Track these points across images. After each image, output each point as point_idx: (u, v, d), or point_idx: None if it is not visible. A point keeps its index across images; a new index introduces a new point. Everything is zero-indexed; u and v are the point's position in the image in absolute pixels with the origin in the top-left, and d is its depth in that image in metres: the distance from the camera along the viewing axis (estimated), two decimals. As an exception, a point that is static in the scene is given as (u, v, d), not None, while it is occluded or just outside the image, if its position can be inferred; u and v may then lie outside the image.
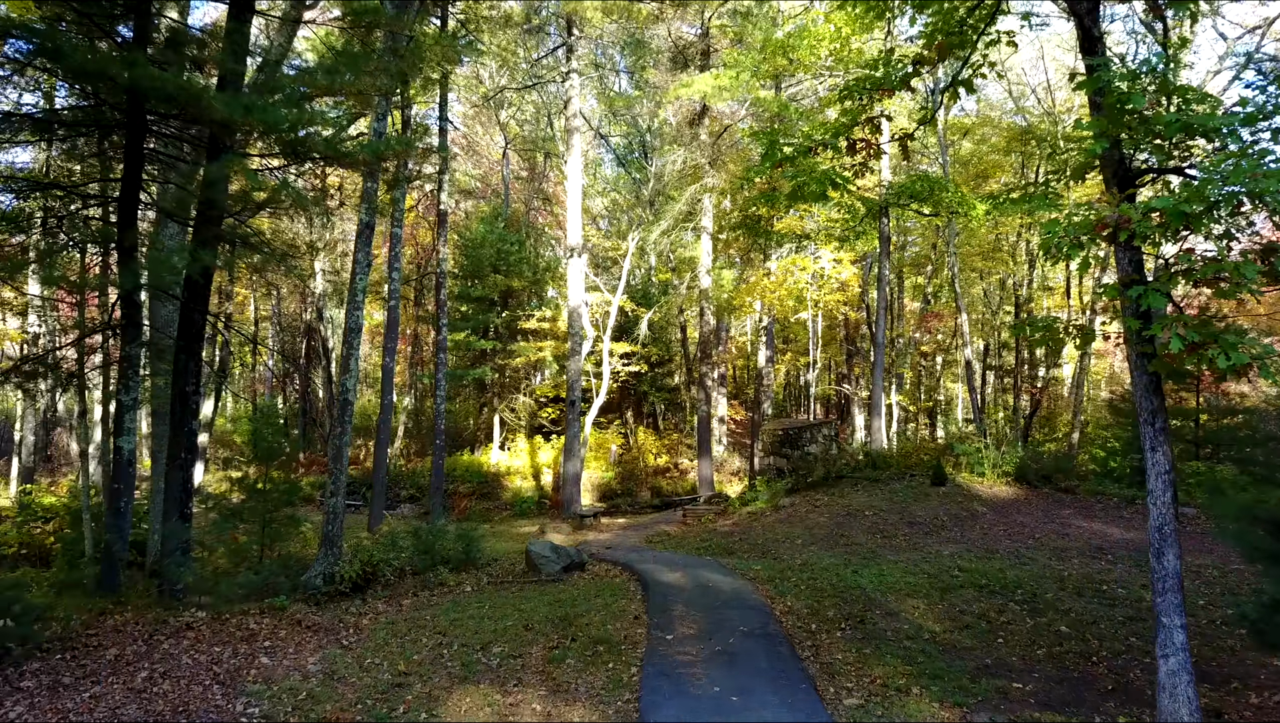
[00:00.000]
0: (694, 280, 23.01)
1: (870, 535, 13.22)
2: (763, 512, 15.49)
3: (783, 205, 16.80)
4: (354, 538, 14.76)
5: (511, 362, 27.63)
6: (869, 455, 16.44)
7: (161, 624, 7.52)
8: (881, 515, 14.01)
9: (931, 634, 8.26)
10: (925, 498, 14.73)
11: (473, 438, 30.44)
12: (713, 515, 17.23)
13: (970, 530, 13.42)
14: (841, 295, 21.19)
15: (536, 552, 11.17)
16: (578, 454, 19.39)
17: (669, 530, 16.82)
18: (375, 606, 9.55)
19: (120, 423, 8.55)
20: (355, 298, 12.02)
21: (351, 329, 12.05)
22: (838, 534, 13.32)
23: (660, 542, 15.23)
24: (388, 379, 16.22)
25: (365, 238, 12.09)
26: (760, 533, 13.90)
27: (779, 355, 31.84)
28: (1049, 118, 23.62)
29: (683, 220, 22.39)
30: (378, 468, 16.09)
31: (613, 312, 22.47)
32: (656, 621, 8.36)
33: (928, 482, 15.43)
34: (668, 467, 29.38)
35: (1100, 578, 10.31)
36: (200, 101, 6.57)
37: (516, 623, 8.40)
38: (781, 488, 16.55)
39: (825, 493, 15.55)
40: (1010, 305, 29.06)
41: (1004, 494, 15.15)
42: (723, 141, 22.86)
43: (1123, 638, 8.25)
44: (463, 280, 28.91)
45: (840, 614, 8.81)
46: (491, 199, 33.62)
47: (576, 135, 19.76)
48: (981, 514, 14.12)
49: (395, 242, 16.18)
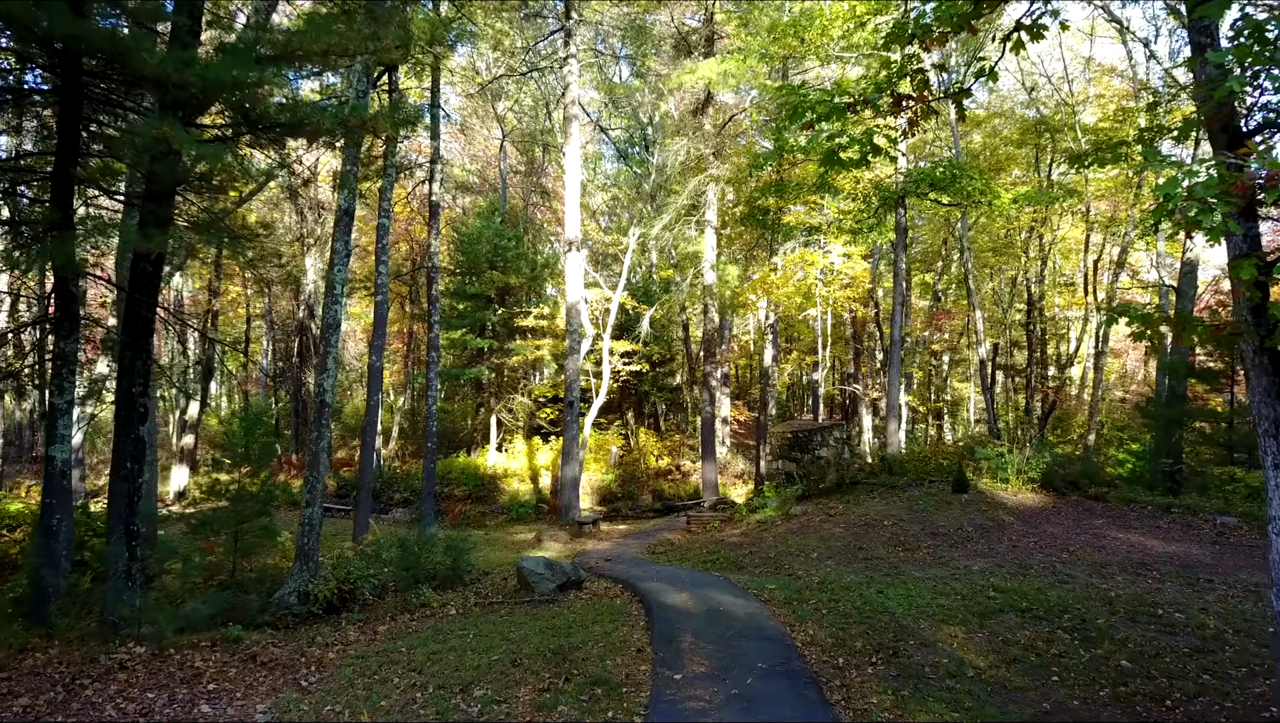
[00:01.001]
0: (697, 276, 21.93)
1: (891, 548, 12.12)
2: (773, 521, 14.39)
3: (792, 195, 15.71)
4: (337, 548, 13.65)
5: (509, 361, 26.53)
6: (885, 460, 15.35)
7: (90, 664, 6.43)
8: (901, 526, 12.91)
9: (976, 671, 7.17)
10: (947, 506, 13.64)
11: (469, 439, 29.34)
12: (719, 523, 16.15)
13: (998, 542, 12.33)
14: (851, 291, 20.09)
15: (529, 569, 10.07)
16: (576, 458, 18.30)
17: (673, 539, 15.73)
18: (347, 632, 8.46)
19: (53, 429, 7.46)
20: (333, 291, 10.94)
21: (329, 325, 10.96)
22: (855, 547, 12.22)
23: (664, 552, 14.14)
24: (375, 379, 15.14)
25: (344, 226, 11.00)
26: (771, 545, 12.81)
27: (783, 355, 30.74)
28: (1064, 109, 22.53)
29: (685, 214, 21.29)
30: (363, 472, 15.00)
31: (613, 309, 21.38)
32: (662, 655, 7.27)
33: (948, 489, 14.34)
34: (669, 469, 28.29)
35: (1152, 600, 9.21)
36: (127, 56, 5.51)
37: (504, 657, 7.31)
38: (792, 495, 15.46)
39: (839, 501, 14.45)
40: (1022, 303, 27.96)
41: (1030, 502, 14.05)
42: (727, 133, 21.77)
43: (1194, 676, 7.15)
44: (459, 277, 27.80)
45: (869, 645, 7.71)
46: (489, 194, 32.52)
47: (575, 124, 18.66)
48: (1008, 524, 13.02)
49: (382, 233, 15.09)
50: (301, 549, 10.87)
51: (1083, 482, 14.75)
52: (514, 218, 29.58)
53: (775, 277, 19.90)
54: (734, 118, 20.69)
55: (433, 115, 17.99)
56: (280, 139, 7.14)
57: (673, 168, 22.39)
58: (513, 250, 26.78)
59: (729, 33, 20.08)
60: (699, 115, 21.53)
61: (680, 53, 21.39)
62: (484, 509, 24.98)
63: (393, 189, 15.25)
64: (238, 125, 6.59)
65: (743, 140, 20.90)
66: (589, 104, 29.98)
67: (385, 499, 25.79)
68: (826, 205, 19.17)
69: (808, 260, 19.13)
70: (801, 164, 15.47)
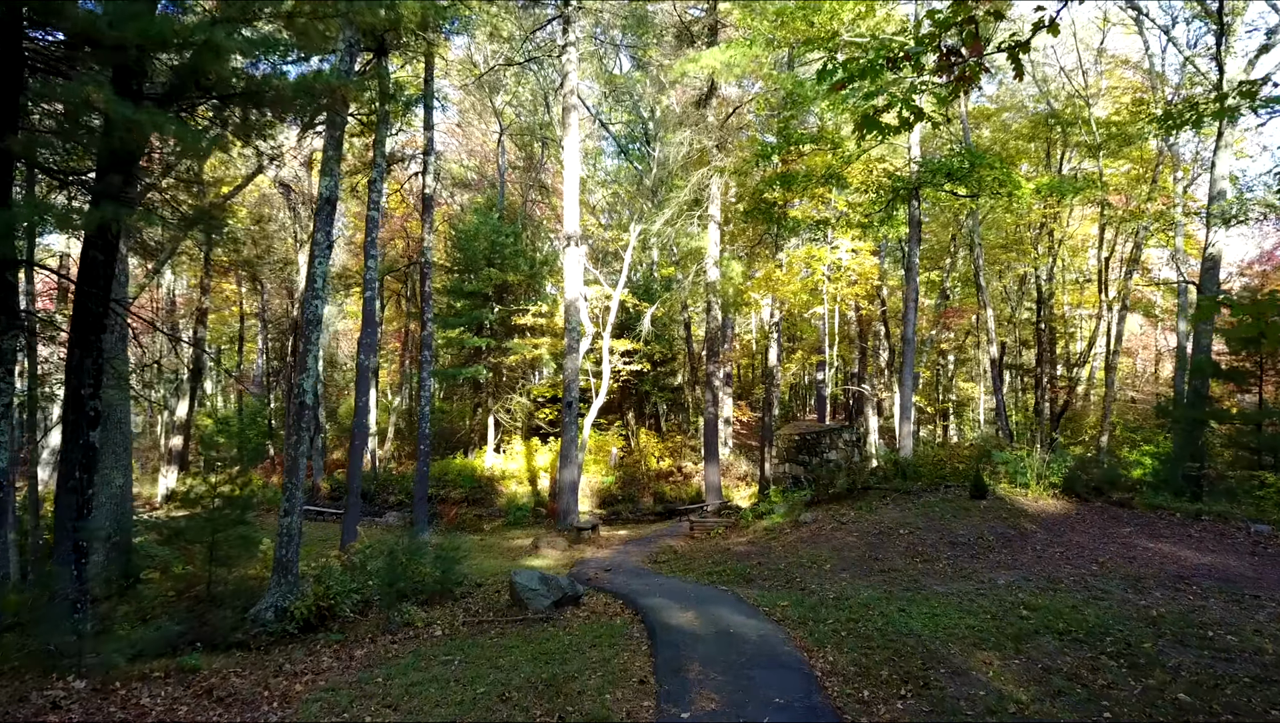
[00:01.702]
0: (700, 273, 21.12)
1: (909, 559, 11.32)
2: (781, 528, 13.59)
3: (800, 187, 14.90)
4: (323, 557, 12.85)
5: (506, 360, 25.72)
6: (897, 464, 14.54)
7: (19, 703, 5.63)
8: (918, 535, 12.11)
9: (1019, 706, 6.36)
10: (965, 513, 12.83)
11: (467, 440, 28.54)
12: (723, 529, 15.36)
13: (1021, 553, 11.53)
14: (859, 288, 19.28)
15: (523, 584, 9.27)
16: (575, 461, 17.49)
17: (675, 546, 14.95)
18: (321, 657, 7.65)
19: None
20: (313, 285, 10.14)
21: (309, 321, 10.17)
22: (871, 558, 11.42)
23: (666, 562, 13.35)
24: (363, 378, 14.35)
25: (325, 215, 10.21)
26: (781, 555, 12.00)
27: (787, 355, 29.92)
28: (1075, 101, 21.71)
29: (688, 209, 20.48)
30: (352, 477, 14.20)
31: (613, 306, 20.57)
32: (667, 687, 6.47)
33: (965, 494, 13.54)
34: (671, 471, 27.50)
35: (1199, 620, 8.41)
36: (51, 5, 4.74)
37: (491, 690, 6.51)
38: (800, 500, 14.67)
39: (850, 507, 13.64)
40: (1031, 301, 27.14)
41: (1052, 508, 13.25)
42: (730, 126, 20.96)
43: (1260, 711, 6.36)
44: (456, 274, 27.00)
45: (896, 675, 6.91)
46: (487, 190, 31.71)
47: (574, 114, 17.85)
48: (1031, 533, 12.22)
49: (371, 226, 14.28)
50: (280, 561, 10.09)
51: (1105, 486, 13.93)
52: (512, 214, 28.77)
53: (780, 273, 19.08)
54: (738, 110, 19.87)
55: (426, 105, 17.19)
56: (245, 113, 6.35)
57: (675, 161, 21.58)
58: (511, 247, 25.99)
59: (733, 21, 19.27)
60: (702, 107, 20.72)
61: (683, 42, 20.59)
62: (481, 512, 24.19)
63: (383, 180, 14.46)
64: (183, 89, 5.77)
65: (746, 135, 20.07)
66: (588, 97, 29.19)
67: (380, 502, 25.02)
68: (834, 200, 18.36)
69: (815, 256, 18.31)
70: (810, 155, 14.71)
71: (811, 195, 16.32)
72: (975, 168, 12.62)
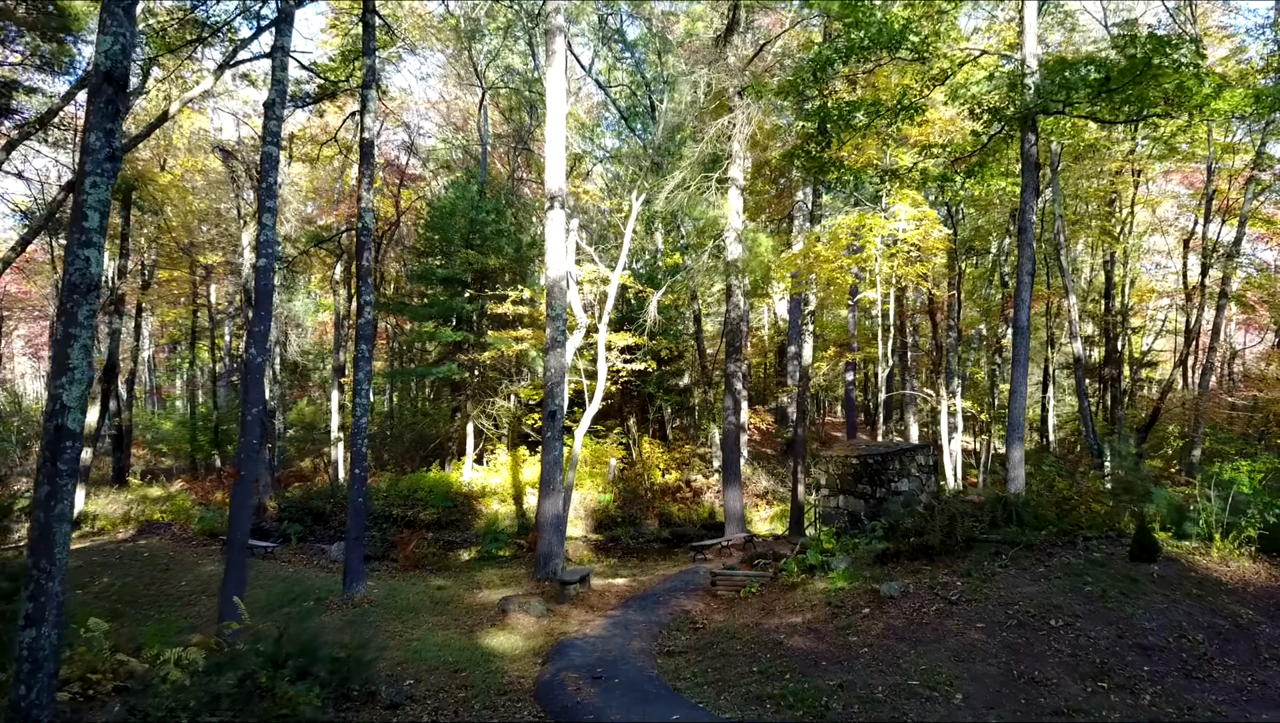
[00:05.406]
0: (718, 251, 16.49)
1: (1085, 682, 6.69)
2: (852, 600, 8.97)
3: (868, 118, 10.26)
4: (179, 640, 8.10)
5: (483, 357, 21.08)
6: (1006, 504, 9.90)
7: None
8: (1080, 629, 7.48)
9: None
10: (1135, 588, 8.20)
11: (443, 450, 23.90)
12: (758, 588, 10.77)
13: (1259, 667, 6.92)
14: (920, 267, 14.64)
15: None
16: (559, 489, 12.86)
17: (694, 615, 10.38)
18: None
19: None
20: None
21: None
22: (1021, 677, 6.80)
23: (684, 652, 8.75)
24: (255, 382, 9.71)
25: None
26: (870, 663, 7.37)
27: (819, 351, 25.21)
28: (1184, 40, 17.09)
29: (705, 170, 15.84)
30: (235, 522, 9.50)
31: (611, 292, 15.95)
32: None
33: (1118, 552, 8.94)
34: (678, 485, 22.88)
35: None
36: None
37: None
38: (868, 553, 10.07)
39: (951, 570, 9.00)
40: (1097, 293, 22.51)
41: (1259, 578, 8.61)
42: (757, 67, 16.29)
43: None
44: (427, 258, 22.40)
45: None
46: (468, 163, 27.05)
47: (559, 39, 13.24)
48: (1253, 626, 7.59)
49: (270, 166, 9.60)
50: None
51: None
52: (496, 190, 24.13)
53: (821, 247, 14.44)
54: (779, 38, 15.17)
55: (365, 21, 12.61)
56: None
57: (686, 111, 16.94)
58: (492, 226, 21.38)
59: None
60: (722, 45, 16.10)
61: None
62: (454, 537, 19.57)
63: (283, 105, 9.82)
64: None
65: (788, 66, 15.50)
66: (583, 55, 24.59)
67: (336, 525, 20.36)
68: (893, 156, 13.72)
69: (868, 226, 13.68)
70: (878, 75, 10.25)
71: (877, 135, 11.74)
72: (1150, 67, 7.90)
